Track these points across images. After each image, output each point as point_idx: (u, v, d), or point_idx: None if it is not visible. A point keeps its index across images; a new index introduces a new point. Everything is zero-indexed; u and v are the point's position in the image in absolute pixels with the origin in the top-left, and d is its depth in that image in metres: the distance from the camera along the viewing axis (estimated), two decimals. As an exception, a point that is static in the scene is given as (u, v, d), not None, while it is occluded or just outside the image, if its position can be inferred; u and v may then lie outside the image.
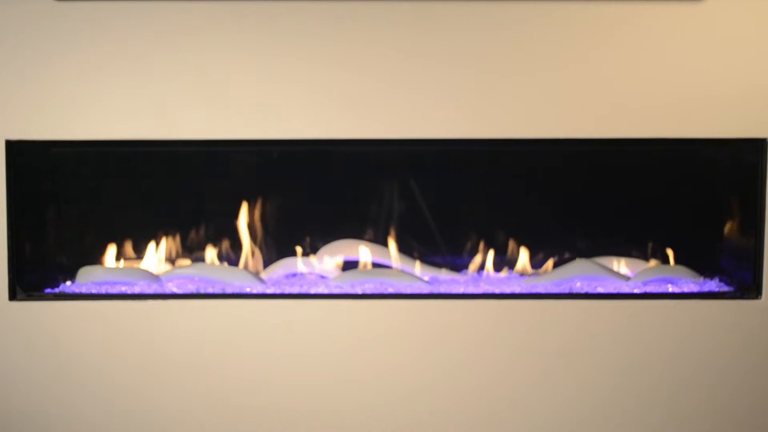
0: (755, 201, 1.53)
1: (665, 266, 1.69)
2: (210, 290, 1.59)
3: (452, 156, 1.77)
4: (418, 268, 1.72)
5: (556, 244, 1.77)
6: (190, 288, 1.61)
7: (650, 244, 1.75)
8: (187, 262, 1.76)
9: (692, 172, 1.74)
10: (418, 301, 1.53)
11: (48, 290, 1.59)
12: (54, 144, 1.54)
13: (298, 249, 1.77)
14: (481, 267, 1.75)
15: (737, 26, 1.50)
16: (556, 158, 1.76)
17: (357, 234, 1.77)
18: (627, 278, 1.64)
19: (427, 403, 1.53)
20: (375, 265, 1.72)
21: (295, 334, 1.52)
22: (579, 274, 1.64)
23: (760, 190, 1.53)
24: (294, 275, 1.73)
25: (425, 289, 1.60)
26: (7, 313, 1.51)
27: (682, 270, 1.65)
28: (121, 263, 1.73)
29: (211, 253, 1.75)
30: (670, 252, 1.74)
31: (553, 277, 1.65)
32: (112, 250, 1.71)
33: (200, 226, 1.78)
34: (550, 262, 1.75)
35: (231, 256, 1.76)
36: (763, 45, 1.50)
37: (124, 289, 1.59)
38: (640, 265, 1.72)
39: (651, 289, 1.60)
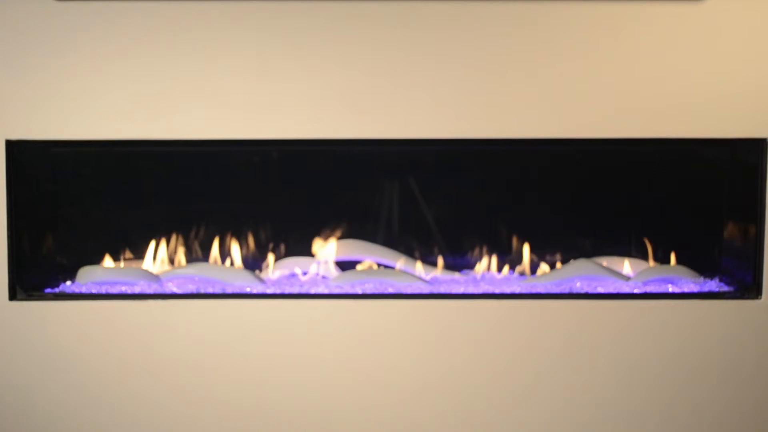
0: (755, 201, 1.53)
1: (665, 266, 1.69)
2: (210, 290, 1.59)
3: (452, 156, 1.77)
4: (417, 268, 1.72)
5: (557, 244, 1.77)
6: (190, 288, 1.61)
7: (650, 244, 1.75)
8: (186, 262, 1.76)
9: (692, 172, 1.74)
10: (418, 301, 1.53)
11: (48, 290, 1.59)
12: (54, 144, 1.54)
13: (298, 249, 1.77)
14: (481, 267, 1.75)
15: (737, 26, 1.50)
16: (556, 158, 1.76)
17: (357, 234, 1.77)
18: (627, 278, 1.64)
19: (428, 403, 1.53)
20: (375, 264, 1.72)
21: (295, 334, 1.51)
22: (579, 274, 1.64)
23: (760, 190, 1.53)
24: (294, 275, 1.73)
25: (425, 289, 1.60)
26: (7, 313, 1.51)
27: (682, 270, 1.65)
28: (121, 263, 1.73)
29: (211, 253, 1.75)
30: (670, 252, 1.73)
31: (553, 277, 1.65)
32: (112, 250, 1.71)
33: (200, 226, 1.78)
34: (549, 263, 1.75)
35: (231, 256, 1.75)
36: (763, 45, 1.50)
37: (124, 289, 1.59)
38: (640, 265, 1.72)
39: (651, 289, 1.60)
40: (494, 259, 1.76)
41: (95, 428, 1.52)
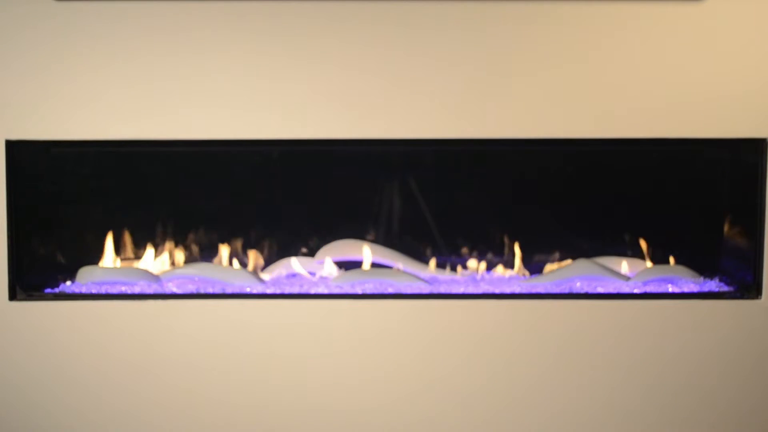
0: (755, 201, 1.53)
1: (665, 266, 1.69)
2: (210, 290, 1.59)
3: (452, 156, 1.77)
4: (417, 268, 1.72)
5: (557, 244, 1.77)
6: (190, 288, 1.61)
7: (650, 244, 1.75)
8: (186, 262, 1.76)
9: (692, 172, 1.74)
10: (418, 301, 1.53)
11: (48, 290, 1.59)
12: (54, 144, 1.54)
13: (298, 249, 1.77)
14: (481, 267, 1.75)
15: (737, 26, 1.50)
16: (557, 158, 1.76)
17: (357, 234, 1.77)
18: (627, 278, 1.64)
19: (428, 403, 1.53)
20: (375, 265, 1.72)
21: (295, 334, 1.52)
22: (579, 274, 1.64)
23: (760, 190, 1.53)
24: (294, 275, 1.73)
25: (425, 289, 1.60)
26: (7, 313, 1.51)
27: (682, 270, 1.65)
28: (121, 263, 1.73)
29: (211, 253, 1.75)
30: (670, 252, 1.73)
31: (553, 277, 1.65)
32: (111, 250, 1.71)
33: (200, 225, 1.78)
34: (550, 263, 1.75)
35: (231, 256, 1.75)
36: (763, 45, 1.50)
37: (123, 289, 1.59)
38: (640, 265, 1.72)
39: (651, 289, 1.60)
40: (494, 259, 1.76)
41: (95, 428, 1.52)
